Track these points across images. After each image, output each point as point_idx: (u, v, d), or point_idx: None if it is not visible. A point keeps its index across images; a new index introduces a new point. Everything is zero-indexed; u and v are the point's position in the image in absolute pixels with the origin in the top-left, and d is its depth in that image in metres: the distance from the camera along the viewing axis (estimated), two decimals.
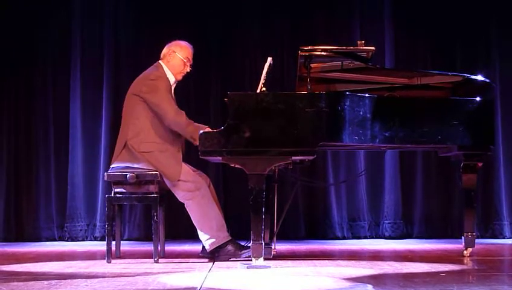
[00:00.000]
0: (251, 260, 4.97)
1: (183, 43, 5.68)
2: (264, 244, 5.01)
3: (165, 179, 5.42)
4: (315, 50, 5.36)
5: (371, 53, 5.47)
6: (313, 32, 7.83)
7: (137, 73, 6.33)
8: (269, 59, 5.36)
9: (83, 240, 7.76)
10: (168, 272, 4.79)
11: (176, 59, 5.61)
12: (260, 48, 7.79)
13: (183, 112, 5.46)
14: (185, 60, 5.61)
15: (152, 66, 5.64)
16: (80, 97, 7.86)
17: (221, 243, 5.42)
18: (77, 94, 7.86)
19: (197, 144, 5.11)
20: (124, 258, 5.67)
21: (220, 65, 7.84)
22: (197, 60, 5.83)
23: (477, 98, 5.49)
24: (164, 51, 5.67)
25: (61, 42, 7.91)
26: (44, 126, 7.87)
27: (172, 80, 5.60)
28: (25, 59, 7.90)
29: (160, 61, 5.64)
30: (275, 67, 6.35)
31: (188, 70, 5.65)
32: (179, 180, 5.40)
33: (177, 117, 5.42)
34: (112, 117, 7.71)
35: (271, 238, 5.67)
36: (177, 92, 5.71)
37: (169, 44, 5.69)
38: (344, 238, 7.72)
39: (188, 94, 7.63)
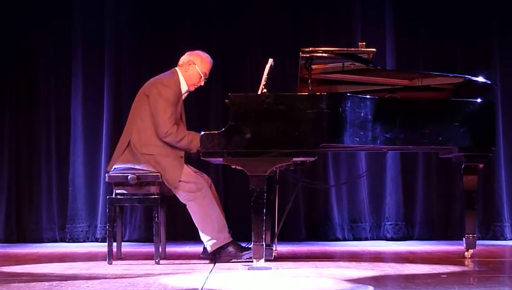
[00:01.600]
0: (252, 262, 4.97)
1: (205, 57, 5.61)
2: (265, 246, 5.01)
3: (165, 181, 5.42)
4: (316, 51, 5.35)
5: (371, 54, 5.47)
6: (313, 34, 7.83)
7: (138, 74, 6.36)
8: (270, 60, 5.36)
9: (84, 241, 7.75)
10: (169, 274, 4.79)
11: (193, 70, 5.56)
12: (261, 49, 7.78)
13: (174, 129, 5.38)
14: (202, 74, 5.58)
15: (169, 72, 5.60)
16: (82, 98, 7.85)
17: (223, 244, 5.42)
18: (79, 95, 7.85)
19: (193, 151, 5.24)
20: (125, 260, 5.67)
21: (221, 66, 7.82)
22: None
23: (478, 99, 5.49)
24: (183, 58, 5.61)
25: (62, 43, 7.90)
26: (46, 127, 7.86)
27: (184, 89, 5.58)
28: (26, 60, 7.89)
29: (177, 68, 5.60)
30: (275, 68, 6.34)
31: (202, 84, 5.63)
32: (180, 181, 5.39)
33: (167, 138, 5.37)
34: (113, 119, 7.70)
35: (272, 240, 5.66)
36: None
37: (191, 53, 5.63)
38: (345, 239, 7.71)
39: (188, 95, 7.62)
